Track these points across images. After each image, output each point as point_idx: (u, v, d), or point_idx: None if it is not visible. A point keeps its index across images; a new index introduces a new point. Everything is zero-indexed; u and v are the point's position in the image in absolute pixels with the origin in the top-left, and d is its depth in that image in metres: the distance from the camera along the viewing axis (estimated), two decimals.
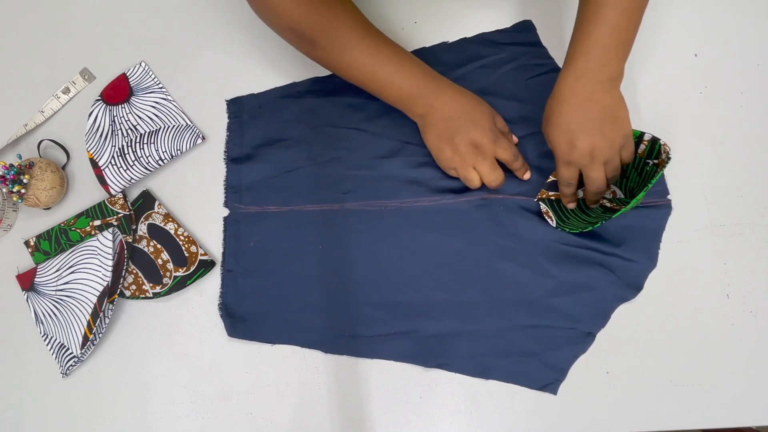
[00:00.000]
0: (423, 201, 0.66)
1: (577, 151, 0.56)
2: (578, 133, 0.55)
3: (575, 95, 0.55)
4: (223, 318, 0.65)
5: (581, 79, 0.54)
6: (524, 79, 0.68)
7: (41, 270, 0.67)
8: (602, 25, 0.53)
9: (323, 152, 0.68)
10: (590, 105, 0.55)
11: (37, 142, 0.70)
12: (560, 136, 0.56)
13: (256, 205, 0.67)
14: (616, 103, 0.56)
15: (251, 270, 0.66)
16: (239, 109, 0.70)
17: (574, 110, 0.55)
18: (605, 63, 0.54)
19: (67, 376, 0.66)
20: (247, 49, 0.72)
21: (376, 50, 0.60)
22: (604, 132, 0.56)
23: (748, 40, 0.69)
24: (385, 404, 0.63)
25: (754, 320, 0.62)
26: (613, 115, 0.56)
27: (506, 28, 0.71)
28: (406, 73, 0.60)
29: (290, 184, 0.67)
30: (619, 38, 0.54)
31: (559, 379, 0.62)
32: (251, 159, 0.69)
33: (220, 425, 0.64)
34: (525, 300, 0.63)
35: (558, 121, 0.56)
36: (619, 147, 0.57)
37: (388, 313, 0.64)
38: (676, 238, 0.64)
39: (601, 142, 0.56)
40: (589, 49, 0.54)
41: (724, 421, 0.61)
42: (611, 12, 0.53)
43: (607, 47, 0.54)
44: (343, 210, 0.66)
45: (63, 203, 0.70)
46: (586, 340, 0.62)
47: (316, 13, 0.58)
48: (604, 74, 0.54)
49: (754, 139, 0.67)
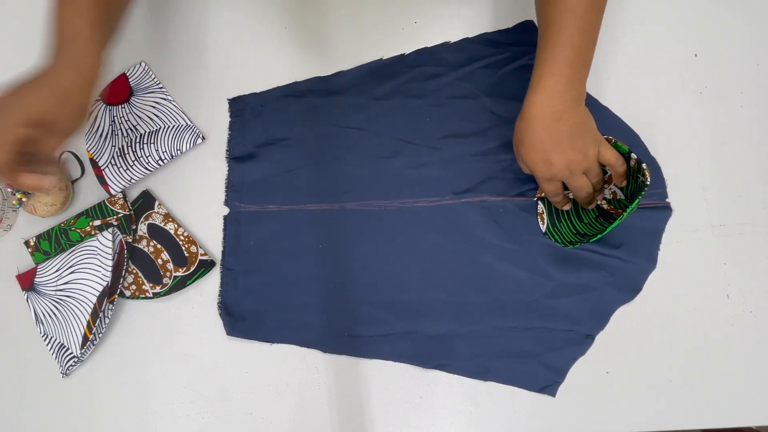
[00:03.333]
0: (423, 202, 0.66)
1: (554, 168, 0.58)
2: (551, 152, 0.57)
3: (546, 115, 0.56)
4: (222, 317, 0.65)
5: (550, 99, 0.56)
6: (526, 79, 0.68)
7: (41, 270, 0.67)
8: (567, 47, 0.55)
9: (324, 152, 0.68)
10: (560, 123, 0.56)
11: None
12: (535, 155, 0.58)
13: (257, 204, 0.67)
14: (582, 117, 0.58)
15: (251, 269, 0.66)
16: (241, 108, 0.70)
17: (546, 130, 0.57)
18: (572, 82, 0.56)
19: (67, 376, 0.66)
20: (247, 49, 0.72)
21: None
22: (576, 146, 0.57)
23: (748, 40, 0.69)
24: (385, 404, 0.63)
25: (754, 320, 0.63)
26: (581, 128, 0.58)
27: (508, 28, 0.71)
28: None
29: (291, 183, 0.68)
30: (582, 58, 0.56)
31: (558, 381, 0.62)
32: (253, 158, 0.69)
33: (220, 425, 0.64)
34: (524, 301, 0.63)
35: (531, 142, 0.57)
36: (594, 156, 0.58)
37: (387, 313, 0.64)
38: (676, 238, 0.64)
39: (575, 156, 0.57)
40: (556, 71, 0.56)
41: (724, 421, 0.61)
42: (575, 34, 0.55)
43: (573, 66, 0.56)
44: (343, 210, 0.66)
45: None
46: (585, 342, 0.62)
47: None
48: (571, 93, 0.56)
49: (754, 138, 0.67)
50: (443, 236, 0.65)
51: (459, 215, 0.65)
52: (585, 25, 0.55)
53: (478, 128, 0.67)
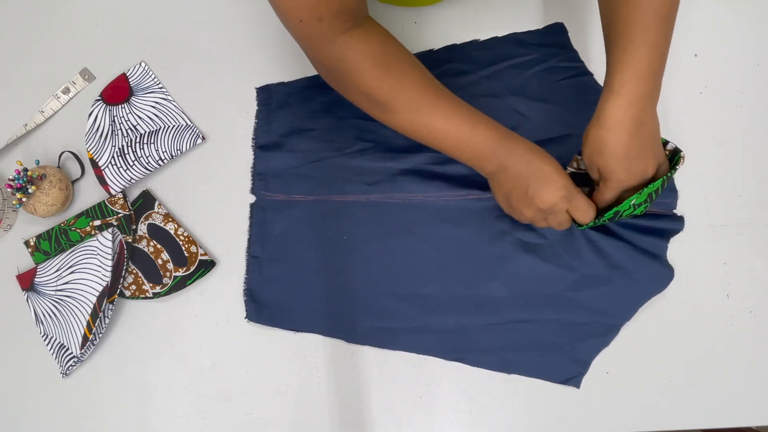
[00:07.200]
0: (447, 196, 0.66)
1: (634, 177, 0.55)
2: (635, 158, 0.54)
3: (630, 123, 0.53)
4: (247, 303, 0.66)
5: (635, 106, 0.53)
6: (554, 81, 0.68)
7: (41, 270, 0.67)
8: (653, 50, 0.52)
9: (349, 143, 0.68)
10: (644, 130, 0.54)
11: (57, 150, 0.71)
12: (619, 164, 0.54)
13: (283, 193, 0.68)
14: (658, 123, 0.55)
15: (276, 257, 0.67)
16: (268, 97, 0.71)
17: (633, 138, 0.53)
18: (655, 87, 0.53)
19: (67, 376, 0.66)
20: (248, 48, 0.72)
21: (451, 112, 0.59)
22: (655, 153, 0.55)
23: (748, 40, 0.69)
24: (385, 404, 0.63)
25: (754, 320, 0.62)
26: (658, 135, 0.55)
27: (538, 30, 0.70)
28: (480, 135, 0.58)
29: (316, 174, 0.68)
30: (664, 62, 0.54)
31: (582, 372, 0.62)
32: (278, 147, 0.69)
33: (220, 425, 0.64)
34: (547, 294, 0.63)
35: (616, 149, 0.54)
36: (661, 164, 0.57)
37: (409, 305, 0.64)
38: (676, 237, 0.64)
39: (653, 164, 0.55)
40: (642, 75, 0.52)
41: (724, 421, 0.61)
42: (659, 36, 0.52)
43: (656, 72, 0.53)
44: (368, 201, 0.67)
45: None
46: (610, 333, 0.62)
47: (391, 79, 0.57)
48: (654, 99, 0.54)
49: (754, 139, 0.67)
50: (466, 230, 0.65)
51: (483, 210, 0.65)
52: (667, 27, 0.53)
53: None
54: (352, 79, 0.57)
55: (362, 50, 0.55)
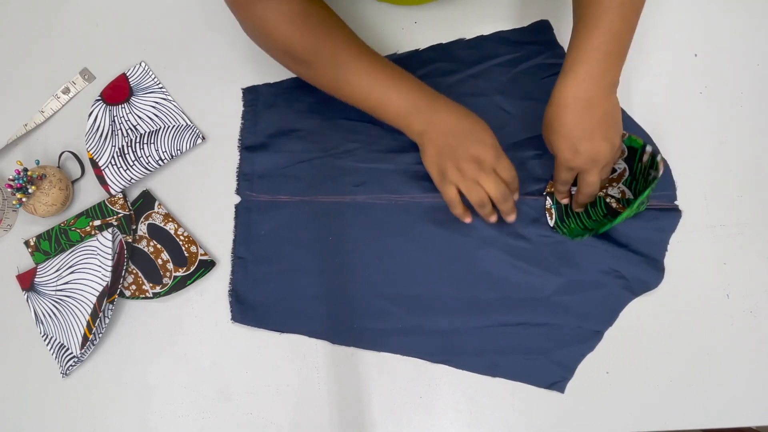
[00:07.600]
0: (433, 197, 0.66)
1: (580, 157, 0.56)
2: (582, 139, 0.55)
3: (578, 101, 0.54)
4: (231, 304, 0.66)
5: (583, 85, 0.54)
6: (540, 78, 0.68)
7: (41, 270, 0.67)
8: (605, 32, 0.53)
9: (336, 144, 0.68)
10: (592, 110, 0.55)
11: (58, 150, 0.71)
12: (564, 142, 0.56)
13: (268, 194, 0.68)
14: (614, 107, 0.56)
15: (262, 258, 0.66)
16: (255, 98, 0.71)
17: (577, 116, 0.55)
18: (608, 68, 0.54)
19: (67, 376, 0.66)
20: (248, 48, 0.72)
21: (372, 68, 0.59)
22: (606, 135, 0.55)
23: (748, 40, 0.69)
24: (385, 404, 0.63)
25: (754, 320, 0.63)
26: (613, 119, 0.56)
27: (523, 27, 0.70)
28: (403, 90, 0.59)
29: (302, 174, 0.68)
30: (619, 44, 0.54)
31: (567, 377, 0.62)
32: (265, 148, 0.69)
33: (220, 425, 0.64)
34: (533, 298, 0.63)
35: (561, 127, 0.56)
36: (618, 150, 0.57)
37: (396, 307, 0.64)
38: (676, 238, 0.64)
39: (604, 147, 0.56)
40: (592, 56, 0.54)
41: (724, 421, 0.61)
42: (614, 19, 0.53)
43: (610, 53, 0.54)
44: (354, 202, 0.67)
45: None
46: (594, 338, 0.62)
47: (310, 35, 0.57)
48: (606, 80, 0.54)
49: (754, 139, 0.67)
50: (452, 232, 0.65)
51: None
52: (626, 12, 0.53)
53: (490, 126, 0.67)
54: (271, 35, 0.58)
55: (280, 8, 0.56)
